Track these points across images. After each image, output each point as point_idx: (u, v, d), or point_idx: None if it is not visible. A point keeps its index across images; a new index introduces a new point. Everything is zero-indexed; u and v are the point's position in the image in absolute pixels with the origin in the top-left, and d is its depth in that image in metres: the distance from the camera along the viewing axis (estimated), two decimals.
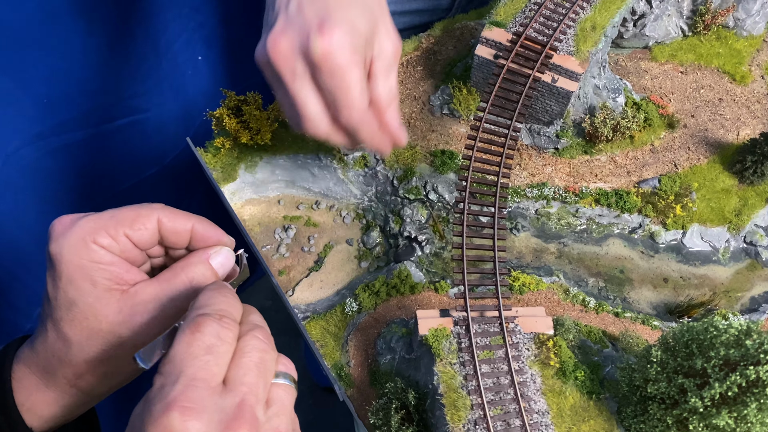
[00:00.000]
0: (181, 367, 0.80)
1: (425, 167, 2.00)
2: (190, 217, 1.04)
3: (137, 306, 0.95)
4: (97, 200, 3.38)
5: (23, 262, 3.21)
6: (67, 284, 0.95)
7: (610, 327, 1.76)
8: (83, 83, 2.91)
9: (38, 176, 3.04)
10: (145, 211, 1.00)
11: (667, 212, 1.89)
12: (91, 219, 0.97)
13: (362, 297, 1.80)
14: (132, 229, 0.98)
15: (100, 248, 0.95)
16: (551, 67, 1.82)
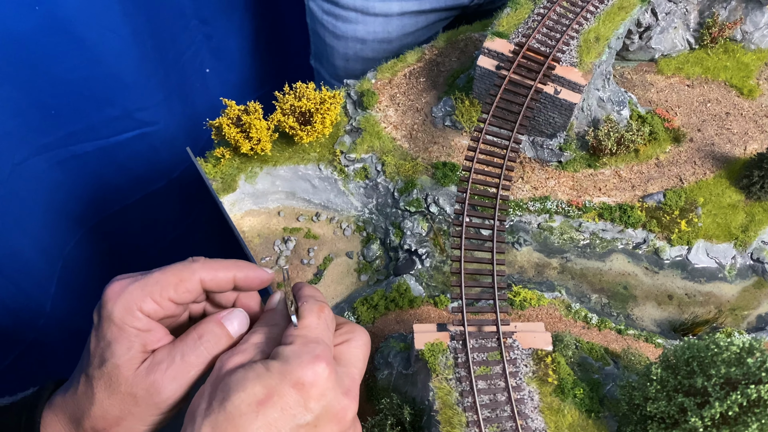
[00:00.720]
0: (318, 334, 1.05)
1: (426, 179, 1.98)
2: (229, 268, 1.13)
3: (153, 367, 1.06)
4: (105, 213, 3.38)
5: (27, 271, 3.20)
6: (106, 346, 1.06)
7: (612, 344, 1.73)
8: (91, 95, 2.91)
9: (45, 187, 3.04)
10: (188, 273, 1.10)
11: (672, 228, 1.86)
12: (139, 286, 1.07)
13: (360, 311, 1.77)
14: (176, 292, 1.08)
15: (144, 316, 1.07)
16: (554, 78, 1.80)
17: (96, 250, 3.51)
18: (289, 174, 2.02)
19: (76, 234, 3.37)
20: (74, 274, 3.42)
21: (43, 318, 3.36)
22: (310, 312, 1.10)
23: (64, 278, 3.39)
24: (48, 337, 3.42)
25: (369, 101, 2.05)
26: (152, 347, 1.09)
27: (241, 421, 0.94)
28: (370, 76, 2.13)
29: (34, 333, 3.35)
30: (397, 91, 2.13)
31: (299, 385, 0.97)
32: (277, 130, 1.97)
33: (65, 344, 3.57)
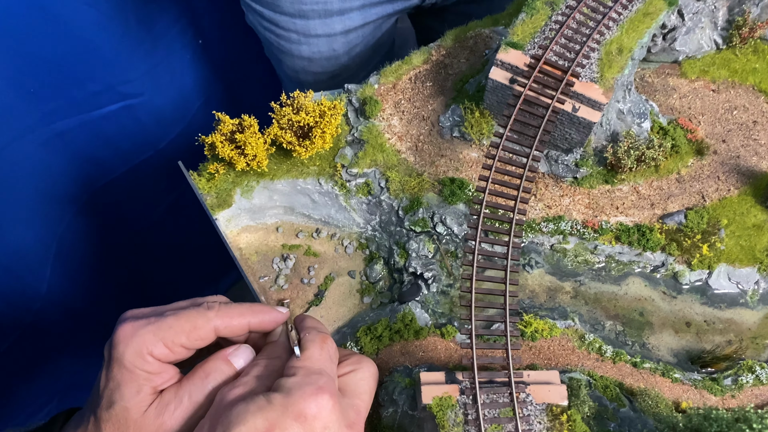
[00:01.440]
0: (321, 366, 1.05)
1: (433, 197, 1.86)
2: (245, 315, 1.14)
3: (161, 409, 1.06)
4: (93, 188, 3.30)
5: (20, 256, 3.14)
6: (115, 388, 1.06)
7: (627, 378, 1.65)
8: (71, 72, 2.82)
9: (31, 169, 2.96)
10: (202, 321, 1.10)
11: (693, 252, 1.76)
12: (152, 330, 1.07)
13: (364, 341, 1.69)
14: (189, 339, 1.08)
15: (154, 360, 1.06)
16: (572, 95, 1.67)
17: (89, 227, 3.46)
18: (287, 188, 1.91)
19: (67, 214, 3.31)
20: (68, 254, 3.38)
21: (39, 301, 3.32)
22: (312, 343, 1.10)
23: (58, 260, 3.34)
24: (45, 320, 3.40)
25: (372, 110, 1.92)
26: (161, 388, 1.09)
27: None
28: (372, 81, 1.99)
29: (30, 316, 3.32)
30: (402, 97, 1.99)
31: (302, 417, 0.96)
32: (274, 144, 1.85)
33: (63, 325, 3.55)
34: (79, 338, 3.66)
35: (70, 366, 3.82)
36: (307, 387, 0.99)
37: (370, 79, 2.01)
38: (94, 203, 3.34)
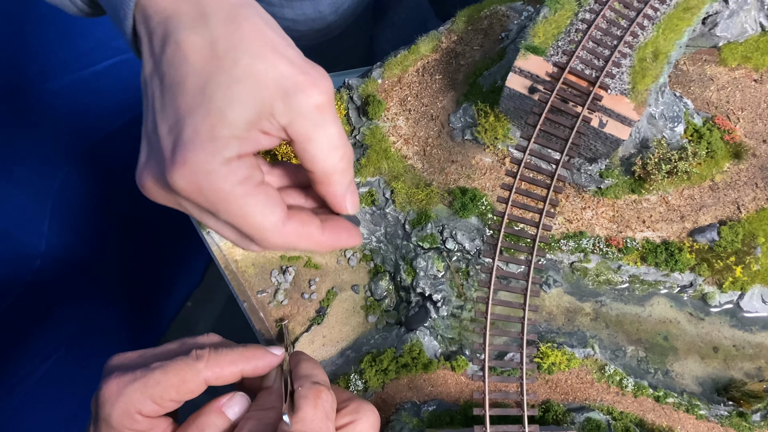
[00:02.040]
0: (314, 428, 0.96)
1: (442, 209, 1.71)
2: (237, 363, 1.05)
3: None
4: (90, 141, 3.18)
5: (16, 215, 3.07)
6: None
7: (648, 414, 1.56)
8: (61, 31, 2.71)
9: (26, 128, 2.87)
10: (191, 374, 1.01)
11: (725, 274, 1.62)
12: (138, 387, 0.99)
13: (369, 374, 1.59)
14: (178, 394, 1.00)
15: (143, 418, 0.99)
16: (600, 108, 1.48)
17: (86, 180, 3.37)
18: None
19: (62, 168, 3.21)
20: (66, 209, 3.31)
21: (38, 258, 3.28)
22: (305, 401, 1.01)
23: (55, 215, 3.28)
24: (46, 276, 3.36)
25: (375, 111, 1.73)
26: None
27: None
28: (375, 75, 1.79)
29: (30, 275, 3.28)
30: (408, 92, 1.80)
31: None
32: (268, 152, 1.68)
33: (65, 280, 3.51)
34: (82, 289, 3.64)
35: (74, 315, 3.83)
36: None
37: (373, 72, 1.80)
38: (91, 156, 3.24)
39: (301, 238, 0.93)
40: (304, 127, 0.90)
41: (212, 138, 0.83)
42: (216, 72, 0.85)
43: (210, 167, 0.82)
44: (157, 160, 0.86)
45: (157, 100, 0.87)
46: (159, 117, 0.86)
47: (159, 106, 0.87)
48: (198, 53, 0.86)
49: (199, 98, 0.84)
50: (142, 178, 0.88)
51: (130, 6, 0.92)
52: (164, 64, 0.88)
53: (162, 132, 0.85)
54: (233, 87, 0.85)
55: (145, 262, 3.82)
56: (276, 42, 0.91)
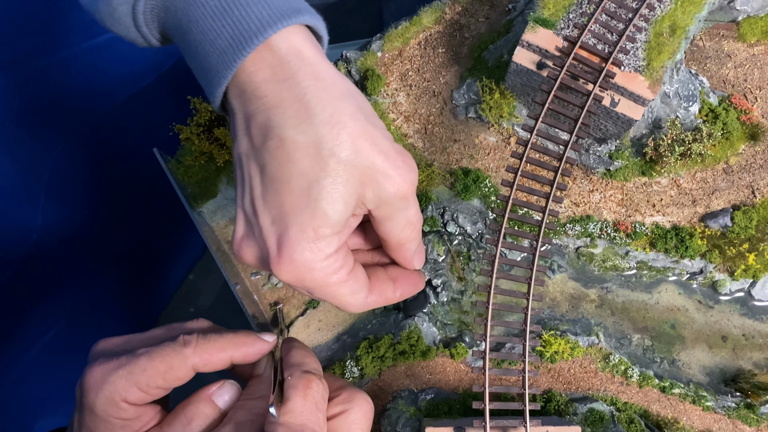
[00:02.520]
0: (303, 420, 0.92)
1: (443, 191, 1.64)
2: (226, 349, 1.02)
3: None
4: (90, 116, 3.10)
5: (11, 189, 3.01)
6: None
7: (653, 405, 1.51)
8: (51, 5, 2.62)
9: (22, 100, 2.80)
10: (178, 361, 0.98)
11: (737, 262, 1.55)
12: (123, 375, 0.95)
13: (365, 361, 1.54)
14: (165, 381, 0.97)
15: (129, 406, 0.96)
16: (612, 86, 1.40)
17: (85, 154, 3.30)
18: None
19: (59, 142, 3.14)
20: (63, 182, 3.25)
21: (35, 232, 3.23)
22: (294, 391, 0.97)
23: (52, 189, 3.22)
24: (44, 249, 3.32)
25: (374, 86, 1.65)
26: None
27: None
28: (375, 48, 1.70)
29: (28, 248, 3.23)
30: (409, 66, 1.71)
31: None
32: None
33: (64, 254, 3.46)
34: (81, 263, 3.60)
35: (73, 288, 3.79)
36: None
37: (373, 45, 1.71)
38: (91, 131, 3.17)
39: (379, 304, 1.04)
40: (387, 211, 1.00)
41: (317, 238, 0.93)
42: (321, 175, 0.92)
43: (313, 265, 0.93)
44: (259, 244, 0.96)
45: (257, 186, 0.95)
46: (259, 204, 0.95)
47: (259, 193, 0.94)
48: (303, 154, 0.92)
49: (305, 200, 0.92)
50: (242, 251, 0.98)
51: (226, 78, 0.95)
52: (266, 155, 0.93)
53: (264, 222, 0.94)
54: (337, 188, 0.93)
55: (145, 235, 3.76)
56: (374, 136, 0.96)
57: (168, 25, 1.06)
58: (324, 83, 0.96)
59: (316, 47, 0.99)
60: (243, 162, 0.97)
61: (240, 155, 0.97)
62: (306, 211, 0.93)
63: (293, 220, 0.93)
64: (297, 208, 0.93)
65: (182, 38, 1.03)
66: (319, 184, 0.92)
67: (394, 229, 1.04)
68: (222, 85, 0.96)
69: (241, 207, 0.98)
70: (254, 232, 0.97)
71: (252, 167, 0.96)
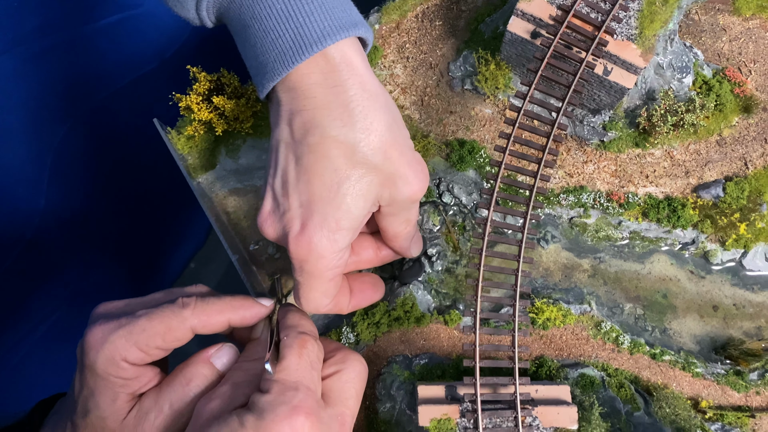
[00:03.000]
0: (298, 377, 0.95)
1: (439, 162, 1.66)
2: (224, 312, 1.06)
3: (140, 417, 0.99)
4: (92, 100, 3.13)
5: (14, 172, 3.03)
6: (89, 395, 0.99)
7: (644, 371, 1.53)
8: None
9: (22, 83, 2.81)
10: (177, 322, 1.01)
11: (729, 231, 1.57)
12: (123, 334, 0.98)
13: (360, 327, 1.56)
14: (164, 341, 1.00)
15: (129, 366, 0.99)
16: (605, 55, 1.41)
17: (89, 137, 3.32)
18: None
19: (63, 126, 3.16)
20: (66, 167, 3.27)
21: (38, 216, 3.26)
22: (289, 350, 1.00)
23: (55, 173, 3.24)
24: (46, 233, 3.34)
25: (371, 58, 1.67)
26: (140, 392, 1.03)
27: None
28: (372, 20, 1.72)
29: (31, 231, 3.26)
30: (406, 39, 1.73)
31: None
32: (259, 100, 1.63)
33: (65, 237, 3.49)
34: (82, 248, 3.63)
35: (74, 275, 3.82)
36: (280, 408, 0.90)
37: (370, 17, 1.73)
38: (94, 114, 3.19)
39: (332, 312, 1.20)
40: (396, 209, 1.14)
41: (337, 229, 1.03)
42: (352, 174, 1.03)
43: (324, 253, 1.03)
44: (283, 222, 1.05)
45: (291, 172, 1.04)
46: (291, 187, 1.04)
47: (292, 178, 1.04)
48: (340, 153, 1.02)
49: (333, 193, 1.02)
50: (266, 225, 1.08)
51: (281, 75, 1.03)
52: (305, 147, 1.03)
53: (292, 203, 1.03)
54: (363, 187, 1.04)
55: (147, 222, 3.78)
56: (403, 146, 1.09)
57: (229, 15, 1.13)
58: (369, 94, 1.04)
59: (364, 59, 1.08)
60: (280, 149, 1.05)
61: (279, 142, 1.06)
62: (333, 203, 1.02)
63: (319, 208, 1.02)
64: (325, 198, 1.01)
65: (242, 30, 1.09)
66: (349, 181, 1.02)
67: (395, 223, 1.17)
68: (275, 80, 1.04)
69: (271, 186, 1.07)
70: (280, 210, 1.05)
71: (289, 155, 1.04)
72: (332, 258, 1.06)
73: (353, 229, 1.07)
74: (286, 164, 1.05)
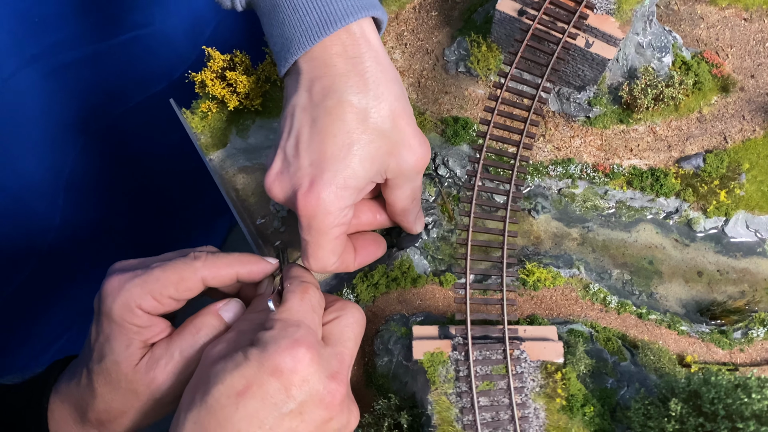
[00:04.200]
0: (300, 317, 1.02)
1: (435, 137, 1.77)
2: (233, 265, 1.14)
3: (152, 363, 1.06)
4: (106, 118, 3.25)
5: (31, 186, 3.14)
6: (105, 341, 1.06)
7: (631, 330, 1.60)
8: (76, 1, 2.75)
9: (39, 99, 2.92)
10: (189, 272, 1.09)
11: (710, 198, 1.66)
12: (139, 283, 1.06)
13: (360, 288, 1.65)
14: (177, 291, 1.08)
15: (143, 313, 1.06)
16: (586, 28, 1.53)
17: (102, 155, 3.43)
18: None
19: (77, 143, 3.28)
20: (81, 183, 3.37)
21: (53, 231, 3.34)
22: (292, 294, 1.08)
23: (71, 189, 3.33)
24: (60, 249, 3.43)
25: None
26: (152, 341, 1.09)
27: (222, 414, 0.92)
28: None
29: (46, 247, 3.35)
30: (405, 28, 1.86)
31: (278, 372, 0.94)
32: (268, 80, 1.76)
33: (79, 253, 3.58)
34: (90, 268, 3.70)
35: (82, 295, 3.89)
36: (282, 341, 0.97)
37: None
38: (107, 133, 3.29)
39: (339, 270, 1.29)
40: (401, 180, 1.23)
41: (345, 186, 1.11)
42: (363, 137, 1.12)
43: (331, 208, 1.12)
44: (291, 180, 1.13)
45: (304, 133, 1.13)
46: (303, 147, 1.13)
47: (305, 139, 1.13)
48: (354, 116, 1.12)
49: (344, 152, 1.11)
50: (274, 185, 1.16)
51: (306, 48, 1.15)
52: (322, 110, 1.13)
53: (303, 162, 1.12)
54: (371, 150, 1.13)
55: (160, 238, 3.86)
56: (409, 117, 1.21)
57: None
58: (382, 67, 1.17)
59: (378, 37, 1.22)
60: (296, 112, 1.16)
61: (295, 107, 1.16)
62: (343, 161, 1.11)
63: (330, 166, 1.11)
64: (336, 157, 1.11)
65: (272, 9, 1.23)
66: (360, 143, 1.12)
67: (402, 196, 1.28)
68: (302, 52, 1.16)
69: (282, 149, 1.16)
70: (290, 170, 1.14)
71: (304, 118, 1.14)
72: (338, 215, 1.14)
73: (358, 189, 1.16)
74: (300, 126, 1.15)
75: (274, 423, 0.93)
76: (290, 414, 0.95)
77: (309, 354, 0.97)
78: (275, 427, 0.93)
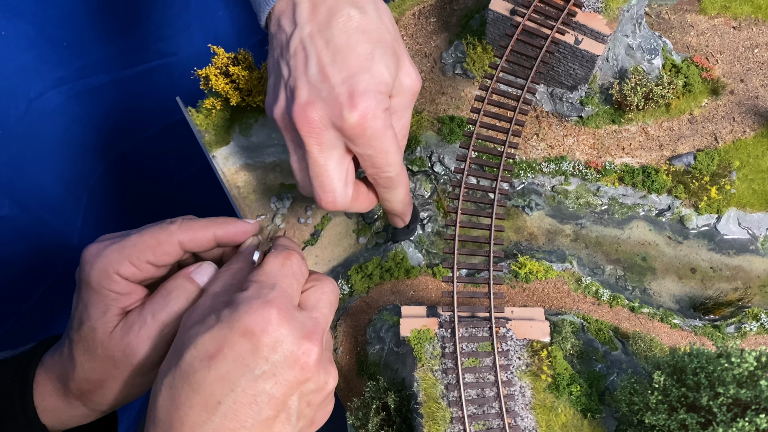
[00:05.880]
0: (276, 281, 0.98)
1: (432, 135, 1.82)
2: (209, 227, 1.10)
3: (126, 329, 1.04)
4: (127, 144, 3.32)
5: (51, 206, 3.19)
6: (83, 308, 1.04)
7: (623, 323, 1.60)
8: (103, 27, 2.82)
9: (63, 121, 2.98)
10: (165, 236, 1.06)
11: (701, 195, 1.68)
12: (116, 249, 1.04)
13: (354, 279, 1.67)
14: (155, 255, 1.05)
15: (122, 279, 1.04)
16: (574, 25, 1.59)
17: (122, 181, 3.48)
18: None
19: (99, 166, 3.34)
20: (100, 206, 3.41)
21: (70, 251, 3.38)
22: (274, 258, 1.04)
23: (90, 211, 3.38)
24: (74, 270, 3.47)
25: None
26: (129, 309, 1.07)
27: (195, 378, 0.89)
28: None
29: (62, 265, 3.39)
30: (404, 33, 1.93)
31: (249, 333, 0.91)
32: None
33: None
34: None
35: None
36: (254, 301, 0.93)
37: None
38: (128, 158, 3.34)
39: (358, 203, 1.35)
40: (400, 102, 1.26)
41: (378, 92, 1.15)
42: (378, 44, 1.17)
43: (376, 113, 1.15)
44: (328, 102, 1.15)
45: (324, 56, 1.15)
46: (329, 69, 1.15)
47: (328, 61, 1.15)
48: (366, 27, 1.17)
49: (369, 62, 1.15)
50: (307, 112, 1.16)
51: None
52: (334, 30, 1.16)
53: (335, 81, 1.14)
54: (387, 58, 1.18)
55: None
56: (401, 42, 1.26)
57: None
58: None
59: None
60: (306, 42, 1.18)
61: (303, 38, 1.18)
62: (370, 71, 1.16)
63: (361, 77, 1.14)
64: (363, 68, 1.15)
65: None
66: (377, 51, 1.17)
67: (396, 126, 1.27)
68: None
69: (305, 79, 1.17)
70: (322, 94, 1.16)
71: (318, 42, 1.17)
72: (386, 119, 1.18)
73: (387, 94, 1.20)
74: (318, 51, 1.16)
75: (247, 385, 0.90)
76: (263, 375, 0.92)
77: (280, 315, 0.94)
78: (248, 388, 0.91)
